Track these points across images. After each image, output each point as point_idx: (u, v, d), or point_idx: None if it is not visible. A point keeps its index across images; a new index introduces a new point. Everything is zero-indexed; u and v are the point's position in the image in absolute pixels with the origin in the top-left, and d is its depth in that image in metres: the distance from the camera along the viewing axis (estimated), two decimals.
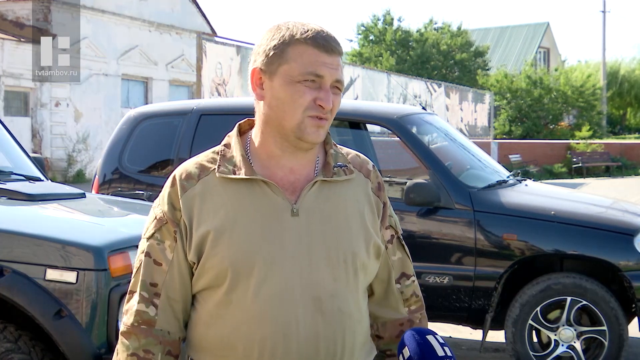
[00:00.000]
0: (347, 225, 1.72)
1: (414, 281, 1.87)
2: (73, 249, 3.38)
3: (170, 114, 6.11)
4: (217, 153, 1.75)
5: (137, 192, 5.62)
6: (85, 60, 21.31)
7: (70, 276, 3.34)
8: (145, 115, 6.07)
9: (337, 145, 1.84)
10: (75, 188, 4.77)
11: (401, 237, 1.87)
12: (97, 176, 6.01)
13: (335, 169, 1.75)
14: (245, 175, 1.69)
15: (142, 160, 5.92)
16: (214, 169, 1.72)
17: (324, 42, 1.67)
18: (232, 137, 1.78)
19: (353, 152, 1.85)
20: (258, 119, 1.74)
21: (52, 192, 4.43)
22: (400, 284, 1.85)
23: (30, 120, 20.69)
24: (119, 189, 5.81)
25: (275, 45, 1.68)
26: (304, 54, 1.66)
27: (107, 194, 5.68)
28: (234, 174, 1.70)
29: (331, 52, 1.67)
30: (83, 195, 4.51)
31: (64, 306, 3.32)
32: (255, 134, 1.75)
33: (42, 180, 4.70)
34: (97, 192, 5.84)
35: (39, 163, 5.04)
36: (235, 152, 1.73)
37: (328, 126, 1.70)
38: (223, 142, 1.78)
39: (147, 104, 21.34)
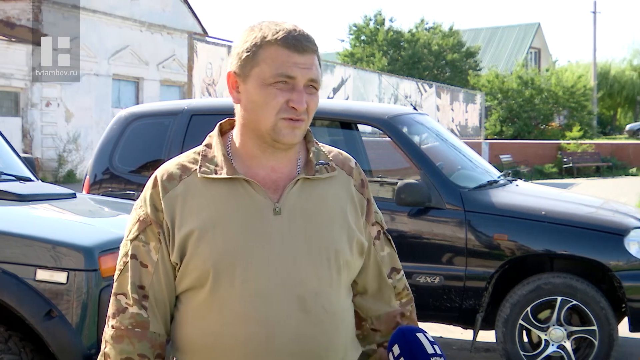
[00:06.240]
0: (329, 223, 1.71)
1: (403, 275, 1.89)
2: (63, 249, 3.37)
3: (161, 114, 6.10)
4: (199, 153, 1.74)
5: (127, 192, 5.60)
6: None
7: (61, 276, 3.33)
8: (136, 115, 6.06)
9: (319, 143, 1.83)
10: (66, 188, 4.76)
11: (387, 232, 1.88)
12: (87, 176, 6.00)
13: (317, 166, 1.75)
14: (227, 174, 1.68)
15: (132, 161, 5.91)
16: (196, 169, 1.71)
17: (294, 42, 1.64)
18: (213, 137, 1.77)
19: (335, 150, 1.84)
20: (237, 120, 1.74)
21: (43, 193, 4.42)
22: (392, 278, 1.85)
23: (20, 120, 20.61)
24: (110, 189, 5.80)
25: (247, 48, 1.67)
26: (274, 55, 1.64)
27: (98, 194, 5.67)
28: (216, 173, 1.69)
29: (303, 51, 1.65)
30: (74, 196, 4.50)
31: (54, 306, 3.31)
32: (235, 135, 1.75)
33: (33, 181, 4.69)
34: (88, 192, 5.82)
35: (30, 163, 5.03)
36: (217, 152, 1.72)
37: (305, 126, 1.69)
38: (204, 142, 1.77)
39: (138, 104, 21.31)
